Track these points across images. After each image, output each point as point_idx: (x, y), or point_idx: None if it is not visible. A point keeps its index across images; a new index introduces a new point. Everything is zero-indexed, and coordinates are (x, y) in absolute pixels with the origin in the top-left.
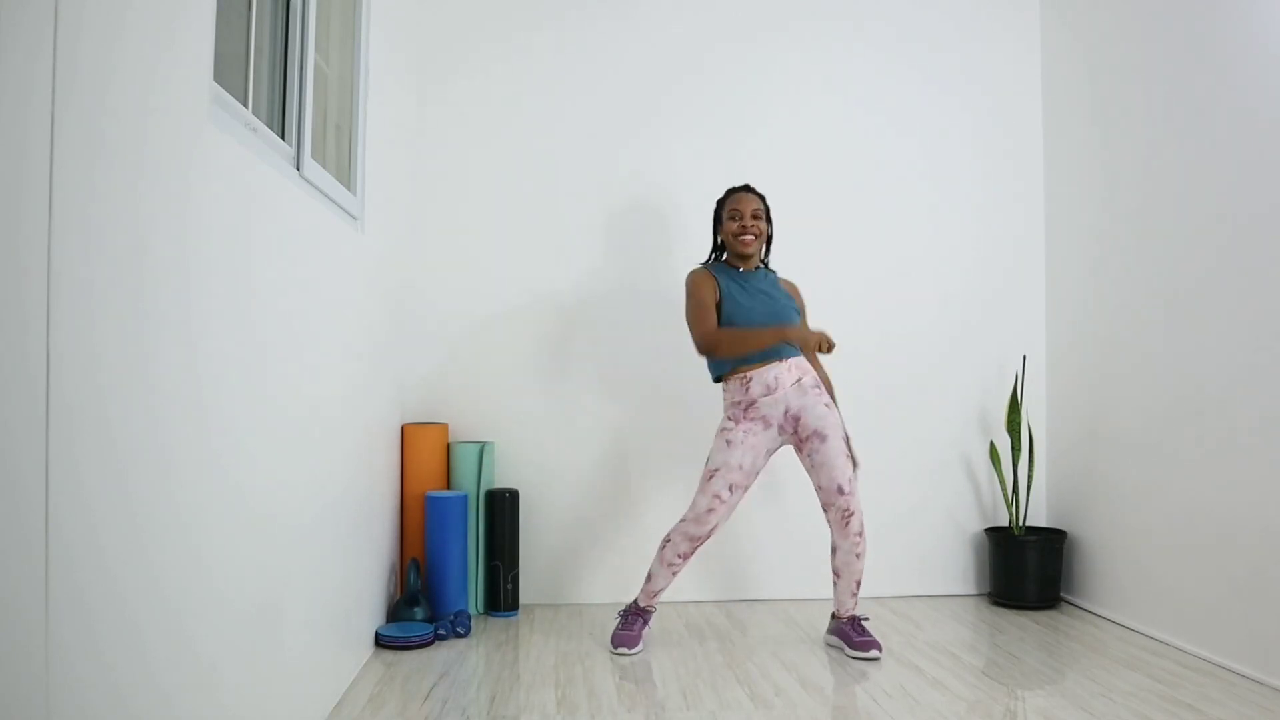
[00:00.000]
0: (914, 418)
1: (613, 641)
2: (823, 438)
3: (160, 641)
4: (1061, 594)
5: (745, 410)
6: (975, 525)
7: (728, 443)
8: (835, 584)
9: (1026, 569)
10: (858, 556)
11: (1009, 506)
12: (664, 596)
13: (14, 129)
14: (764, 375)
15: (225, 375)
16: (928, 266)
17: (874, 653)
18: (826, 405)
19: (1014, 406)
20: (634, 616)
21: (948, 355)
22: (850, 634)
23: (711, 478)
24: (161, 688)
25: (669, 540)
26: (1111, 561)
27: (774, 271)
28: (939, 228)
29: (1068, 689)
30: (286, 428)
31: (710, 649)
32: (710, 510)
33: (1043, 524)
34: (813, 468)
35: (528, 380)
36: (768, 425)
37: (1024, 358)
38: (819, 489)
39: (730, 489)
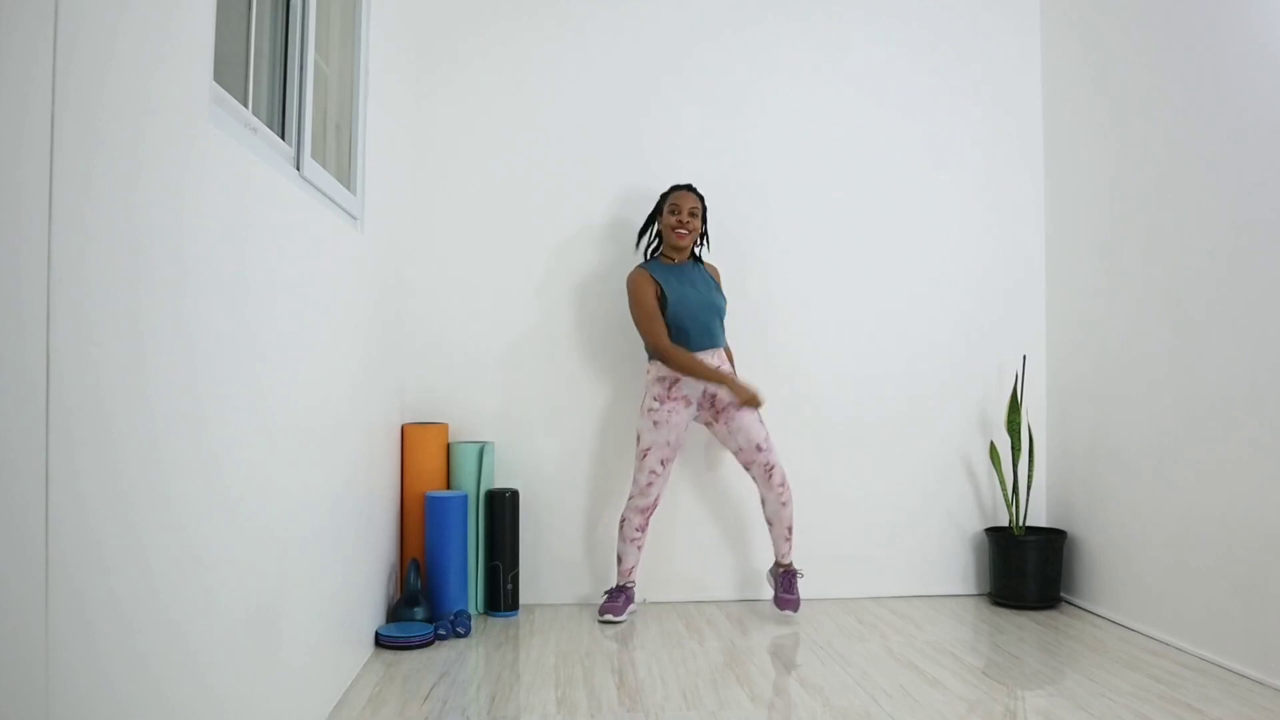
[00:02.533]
0: (914, 418)
1: (600, 610)
2: (737, 406)
3: (159, 642)
4: (1061, 594)
5: (669, 389)
6: (975, 525)
7: (655, 424)
8: (770, 531)
9: (1026, 569)
10: (784, 505)
11: (1009, 506)
12: (665, 596)
13: (14, 129)
14: None
15: (224, 375)
16: (928, 266)
17: (788, 611)
18: None
19: (1014, 407)
20: (617, 592)
21: (948, 355)
22: (778, 589)
23: (645, 456)
24: (161, 688)
25: (624, 519)
26: (1111, 561)
27: (701, 262)
28: (939, 227)
29: (1068, 689)
30: (286, 428)
31: (710, 649)
32: (650, 484)
33: (1043, 524)
34: (730, 433)
35: (528, 380)
36: (688, 404)
37: (1024, 358)
38: (739, 451)
39: (662, 463)
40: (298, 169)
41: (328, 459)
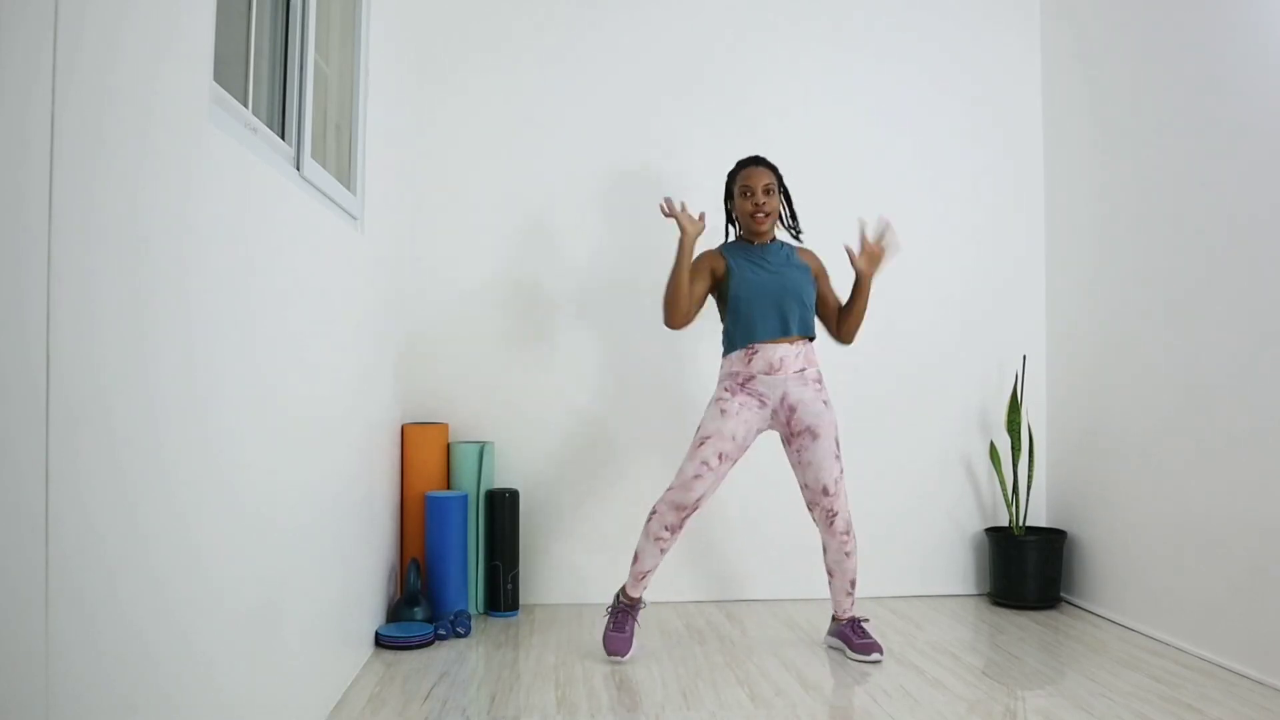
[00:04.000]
0: (914, 418)
1: (605, 647)
2: (815, 435)
3: (160, 641)
4: (1061, 594)
5: (743, 384)
6: (975, 525)
7: (722, 411)
8: (830, 583)
9: (1026, 569)
10: (847, 555)
11: (1009, 506)
12: (664, 596)
13: (14, 129)
14: (769, 353)
15: (225, 375)
16: (928, 266)
17: (875, 656)
18: (825, 403)
19: (1014, 406)
20: (623, 615)
21: (948, 355)
22: (851, 637)
23: (702, 444)
24: (161, 687)
25: (655, 512)
26: (1111, 561)
27: (789, 245)
28: (939, 227)
29: (1068, 689)
30: (286, 427)
31: (710, 649)
32: (697, 477)
33: (1043, 524)
34: (800, 464)
35: (528, 380)
36: (763, 404)
37: (1024, 358)
38: (804, 487)
39: (719, 458)
40: (298, 169)
41: (328, 458)
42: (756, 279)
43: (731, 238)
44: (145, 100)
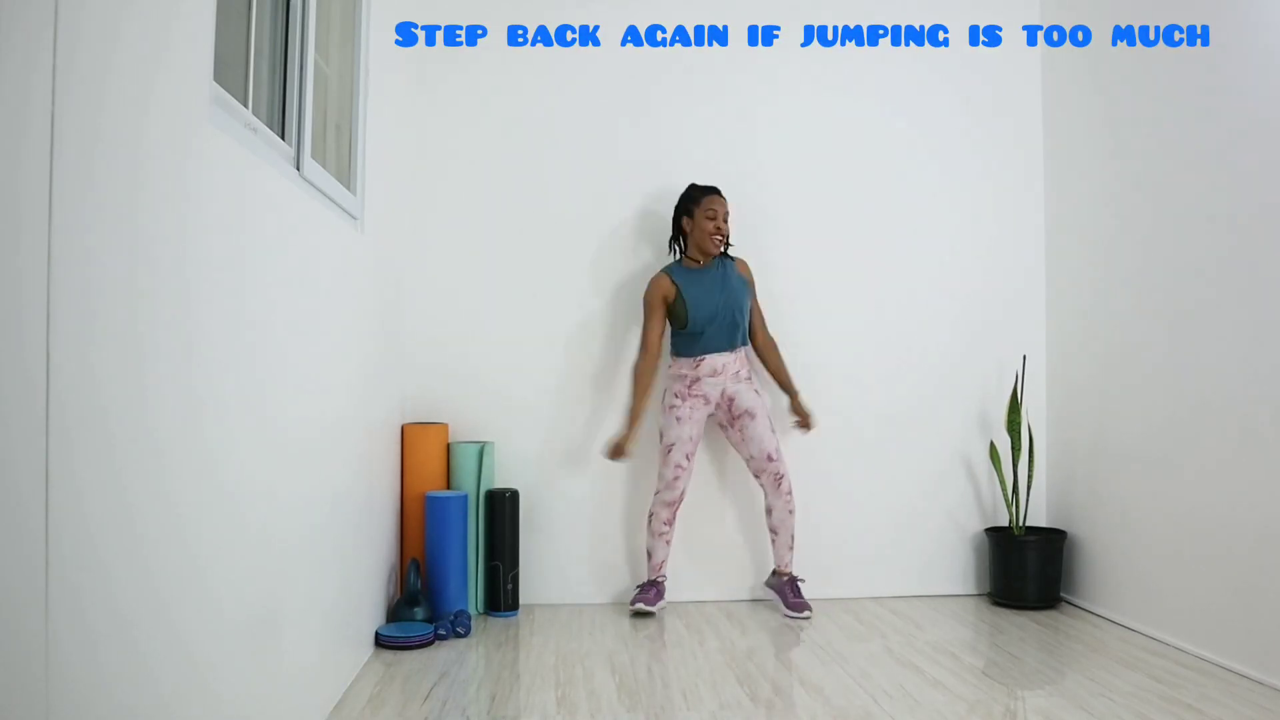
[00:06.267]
0: (914, 418)
1: (631, 601)
2: (753, 415)
3: (159, 642)
4: (1061, 594)
5: (690, 387)
6: (975, 525)
7: (678, 419)
8: (774, 541)
9: (1026, 569)
10: (790, 513)
11: (1009, 506)
12: (665, 596)
13: (14, 129)
14: (714, 361)
15: (224, 375)
16: (928, 267)
17: (806, 613)
18: (756, 391)
19: (1014, 407)
20: (649, 585)
21: (948, 355)
22: (787, 593)
23: (670, 451)
24: (161, 688)
25: (652, 514)
26: (1111, 561)
27: (729, 259)
28: (939, 227)
29: (1068, 689)
30: (286, 428)
31: (710, 649)
32: (676, 477)
33: (1043, 524)
34: (743, 441)
35: (528, 380)
36: (707, 402)
37: (1024, 358)
38: (750, 459)
39: (687, 457)
40: (298, 169)
41: (328, 459)
42: (709, 302)
43: (676, 256)
44: (145, 100)
